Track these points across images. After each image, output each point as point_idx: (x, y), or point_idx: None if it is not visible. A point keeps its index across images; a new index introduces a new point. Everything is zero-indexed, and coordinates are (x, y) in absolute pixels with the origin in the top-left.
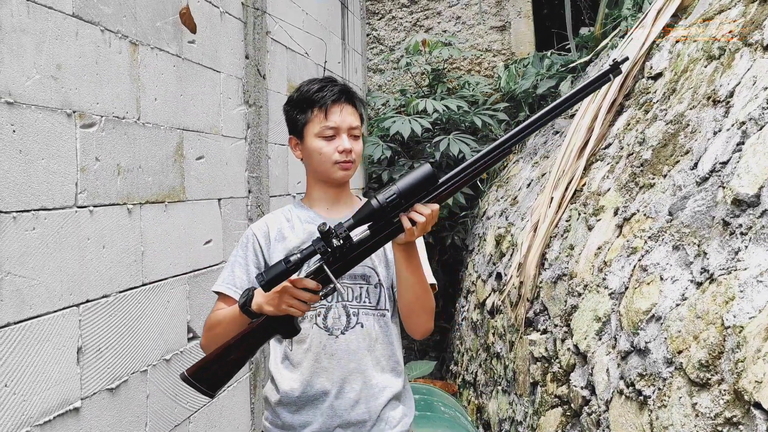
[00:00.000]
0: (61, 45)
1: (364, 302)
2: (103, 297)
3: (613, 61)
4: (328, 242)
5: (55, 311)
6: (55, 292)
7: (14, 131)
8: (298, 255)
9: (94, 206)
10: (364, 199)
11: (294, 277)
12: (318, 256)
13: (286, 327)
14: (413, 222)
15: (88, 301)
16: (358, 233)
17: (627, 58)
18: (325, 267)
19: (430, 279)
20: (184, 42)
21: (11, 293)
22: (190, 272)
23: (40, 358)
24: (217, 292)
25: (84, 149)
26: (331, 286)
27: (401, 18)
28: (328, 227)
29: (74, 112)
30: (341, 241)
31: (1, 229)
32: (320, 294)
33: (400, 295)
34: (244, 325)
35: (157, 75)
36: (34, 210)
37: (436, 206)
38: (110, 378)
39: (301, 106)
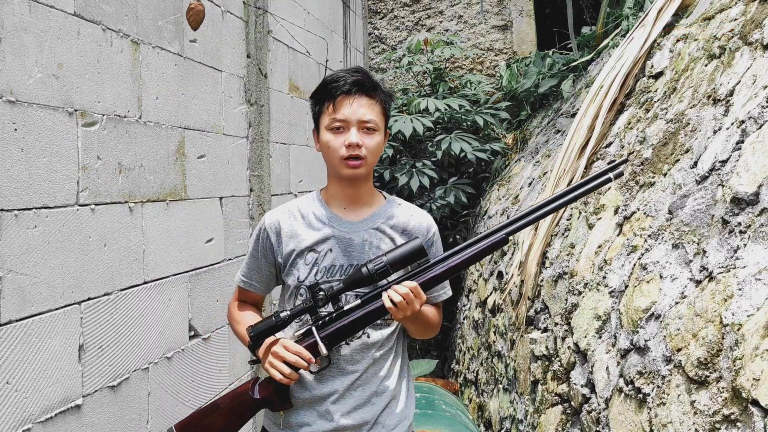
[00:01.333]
0: (62, 44)
1: None
2: (105, 295)
3: (613, 163)
4: (316, 301)
5: (57, 309)
6: (57, 289)
7: (16, 130)
8: (288, 312)
9: (96, 204)
10: (390, 197)
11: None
12: (309, 316)
13: (276, 395)
14: (393, 302)
15: (89, 299)
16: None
17: (626, 161)
18: (314, 330)
19: (446, 294)
20: (186, 41)
21: (13, 291)
22: (192, 270)
23: (41, 355)
24: (242, 287)
25: (85, 148)
26: (325, 355)
27: (403, 17)
28: (316, 283)
29: (76, 110)
30: (330, 305)
31: (2, 227)
32: (309, 366)
33: (406, 330)
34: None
35: (158, 74)
36: (36, 208)
37: (413, 284)
38: (112, 375)
39: (317, 98)
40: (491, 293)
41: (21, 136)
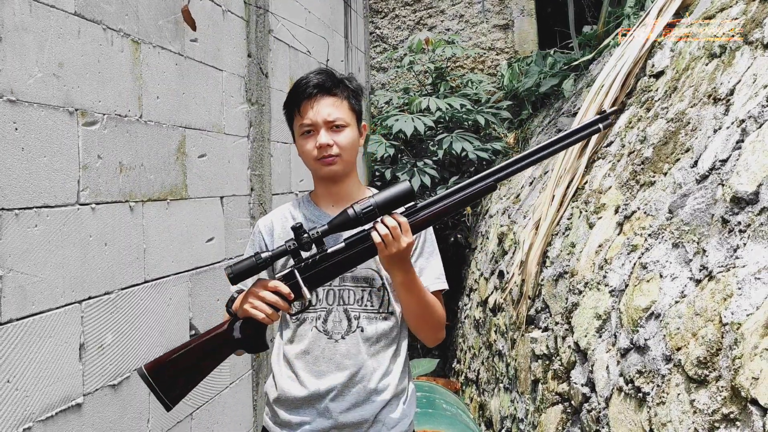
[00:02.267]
0: (63, 43)
1: (366, 306)
2: (106, 294)
3: (603, 111)
4: (301, 243)
5: (58, 308)
6: (58, 288)
7: (17, 129)
8: (269, 252)
9: (97, 204)
10: (375, 191)
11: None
12: (292, 262)
13: (253, 338)
14: (380, 235)
15: (90, 298)
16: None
17: (617, 111)
18: (296, 273)
19: (440, 284)
20: (186, 40)
21: (14, 290)
22: (193, 270)
23: (42, 354)
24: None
25: (86, 147)
26: (307, 298)
27: (404, 16)
28: (300, 225)
29: (76, 110)
30: (313, 247)
31: (3, 226)
32: (291, 304)
33: (404, 313)
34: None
35: (159, 73)
36: (37, 207)
37: (403, 219)
38: (112, 374)
39: (287, 107)
40: (492, 292)
41: (22, 135)
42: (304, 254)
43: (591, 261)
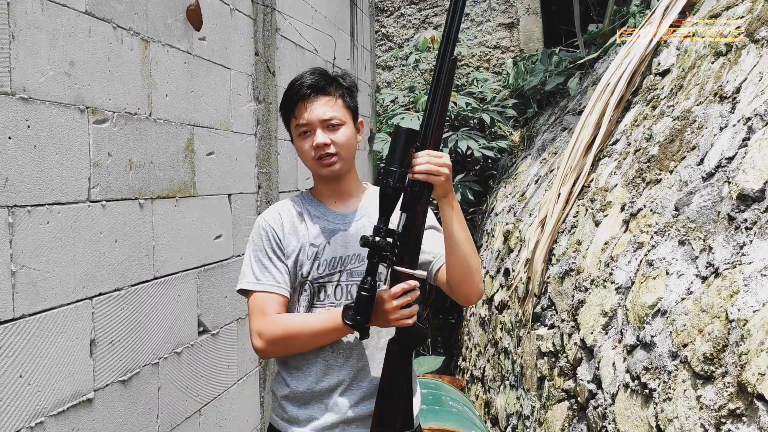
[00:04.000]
0: (74, 42)
1: None
2: (116, 290)
3: None
4: (379, 249)
5: (69, 304)
6: (69, 285)
7: (29, 127)
8: (369, 277)
9: (107, 201)
10: (372, 186)
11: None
12: (384, 266)
13: (415, 335)
14: (424, 173)
15: (100, 294)
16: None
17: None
18: (397, 268)
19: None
20: (195, 39)
21: (26, 286)
22: (201, 267)
23: (54, 349)
24: (263, 291)
25: (97, 145)
26: (416, 277)
27: (410, 15)
28: (367, 239)
29: (87, 108)
30: (387, 239)
31: (16, 222)
32: (416, 287)
33: (452, 260)
34: (338, 336)
35: (167, 71)
36: (48, 204)
37: (429, 151)
38: (122, 370)
39: (283, 110)
40: (498, 290)
41: (34, 133)
42: (382, 241)
43: (597, 258)
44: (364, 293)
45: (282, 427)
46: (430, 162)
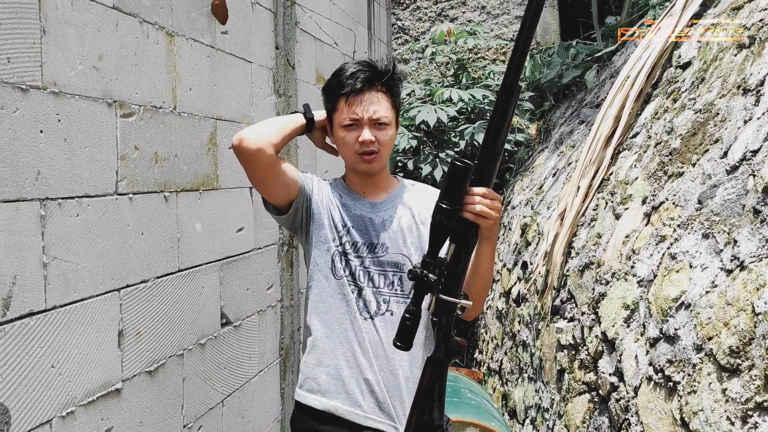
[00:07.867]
0: (102, 36)
1: (396, 290)
2: (142, 282)
3: None
4: (427, 284)
5: (98, 295)
6: (98, 276)
7: (59, 120)
8: (413, 306)
9: (134, 194)
10: (407, 180)
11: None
12: (429, 294)
13: (456, 351)
14: (476, 213)
15: (128, 286)
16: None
17: None
18: (444, 297)
19: None
20: (218, 33)
21: (57, 277)
22: (223, 259)
23: (84, 340)
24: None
25: (124, 138)
26: (459, 305)
27: (426, 8)
28: (415, 273)
29: (115, 101)
30: (438, 270)
31: (48, 214)
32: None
33: (471, 285)
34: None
35: (191, 65)
36: (78, 197)
37: (480, 189)
38: (149, 361)
39: (329, 95)
40: (515, 283)
41: (64, 126)
42: (432, 276)
43: (618, 251)
44: (407, 322)
45: (308, 401)
46: (483, 204)
